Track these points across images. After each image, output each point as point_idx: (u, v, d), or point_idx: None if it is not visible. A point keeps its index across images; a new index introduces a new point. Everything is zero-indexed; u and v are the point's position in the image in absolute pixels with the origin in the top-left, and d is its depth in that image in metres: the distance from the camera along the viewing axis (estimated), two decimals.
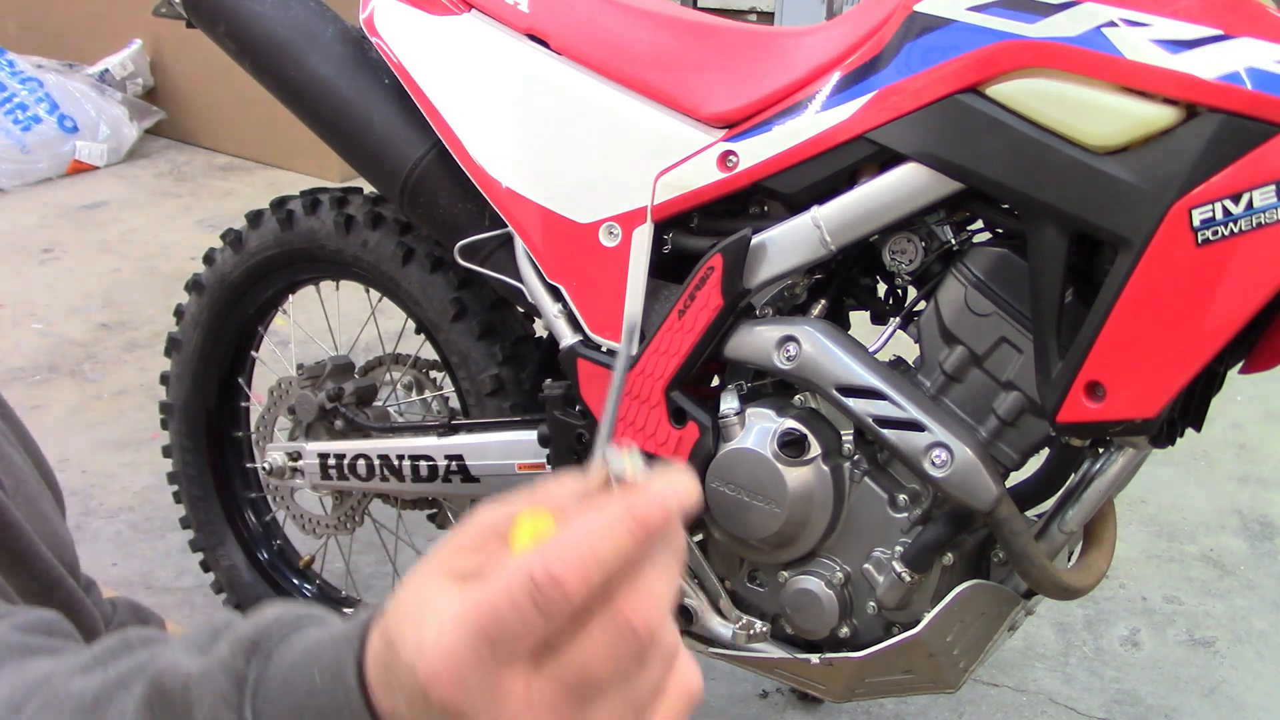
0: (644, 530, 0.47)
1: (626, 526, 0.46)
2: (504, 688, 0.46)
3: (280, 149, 4.35)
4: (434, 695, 0.46)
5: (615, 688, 0.48)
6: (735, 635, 1.46)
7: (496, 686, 0.46)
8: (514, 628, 0.45)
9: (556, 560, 0.45)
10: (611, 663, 0.47)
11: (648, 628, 0.47)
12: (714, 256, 1.36)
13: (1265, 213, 1.05)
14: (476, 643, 0.46)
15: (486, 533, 0.51)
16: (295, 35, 1.64)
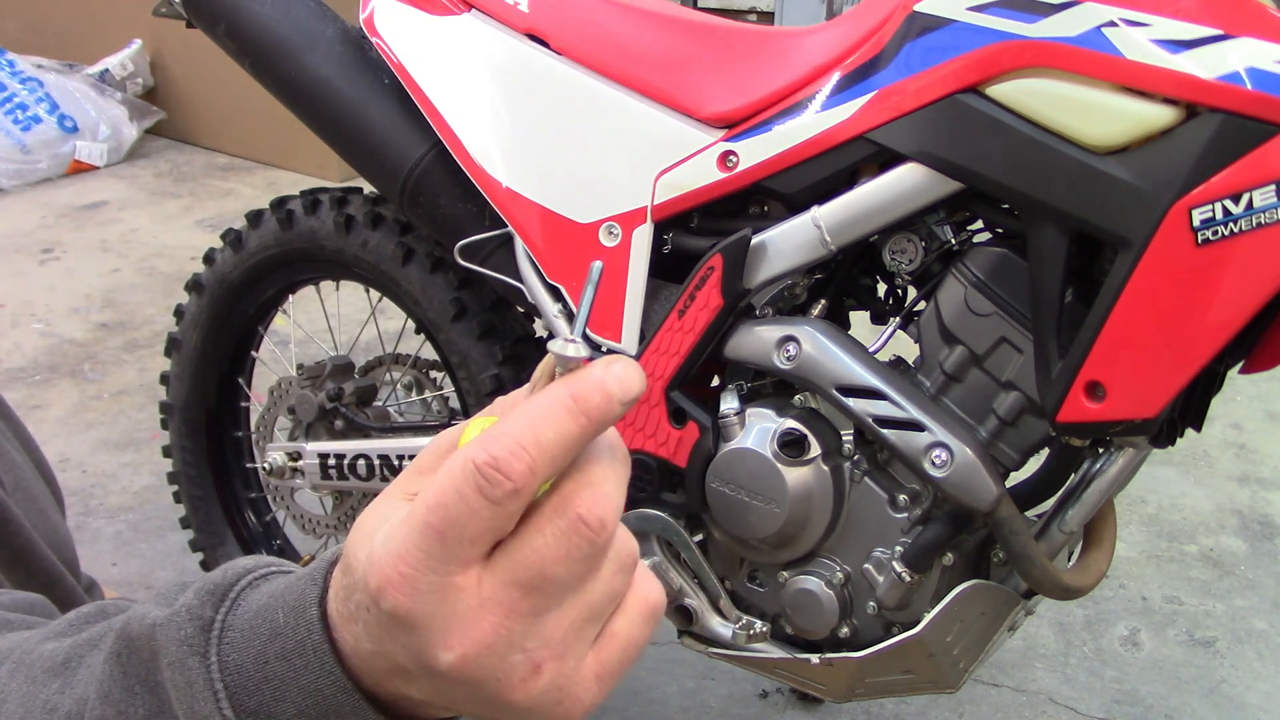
0: (584, 411, 0.46)
1: (565, 407, 0.46)
2: (455, 588, 0.45)
3: (280, 149, 4.35)
4: (385, 603, 0.45)
5: (569, 589, 0.47)
6: (735, 635, 1.46)
7: (448, 587, 0.45)
8: (460, 519, 0.44)
9: (497, 445, 0.44)
10: (563, 558, 0.46)
11: (599, 522, 0.46)
12: (714, 256, 1.36)
13: (1265, 213, 1.05)
14: (424, 540, 0.44)
15: (440, 451, 0.51)
16: (295, 35, 1.64)
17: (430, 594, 0.45)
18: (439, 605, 0.45)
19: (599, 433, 0.47)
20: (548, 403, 0.46)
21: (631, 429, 1.44)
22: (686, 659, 2.06)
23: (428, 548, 0.45)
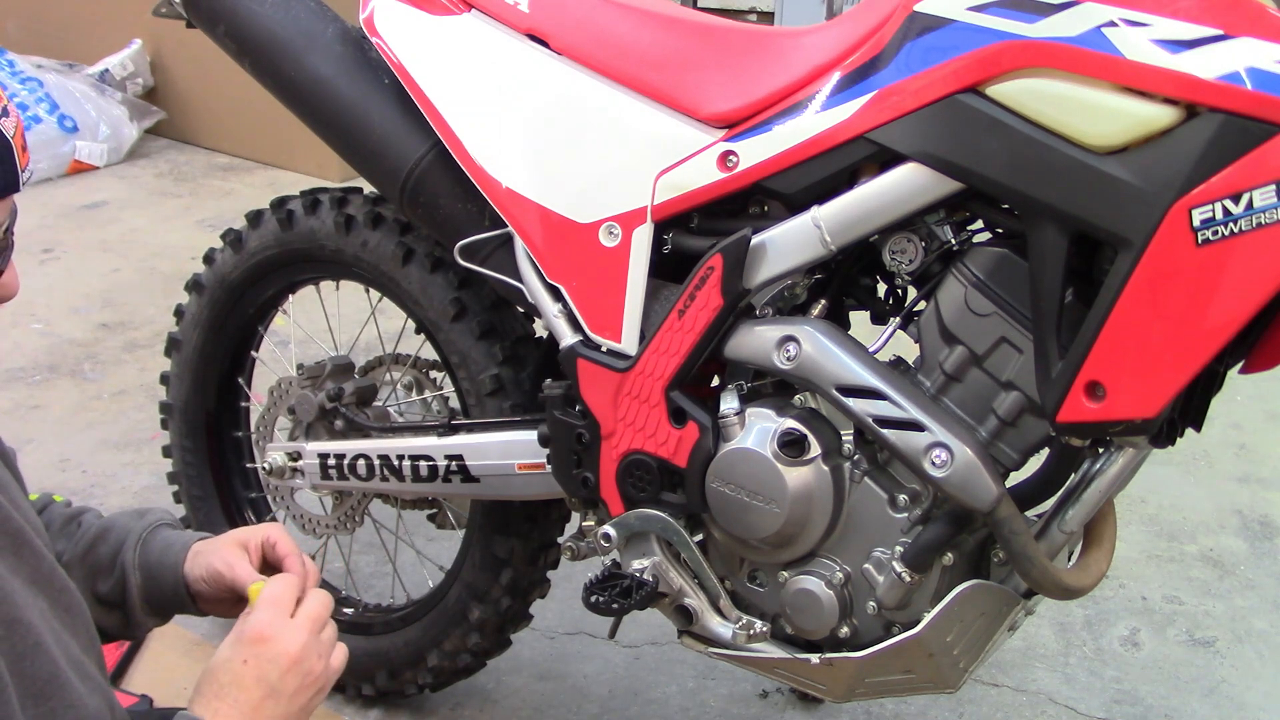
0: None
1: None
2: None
3: (280, 149, 4.35)
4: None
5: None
6: (735, 635, 1.46)
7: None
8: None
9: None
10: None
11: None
12: (714, 256, 1.36)
13: (1265, 212, 1.05)
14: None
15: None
16: (295, 35, 1.64)
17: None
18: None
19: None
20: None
21: (632, 429, 1.44)
22: (686, 659, 2.06)
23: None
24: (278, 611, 1.01)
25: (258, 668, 0.97)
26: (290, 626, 1.00)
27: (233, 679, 0.97)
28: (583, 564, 1.63)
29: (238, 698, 0.96)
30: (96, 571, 1.16)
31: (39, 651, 0.90)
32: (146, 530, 1.17)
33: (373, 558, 2.27)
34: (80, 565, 1.16)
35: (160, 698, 1.06)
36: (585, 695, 2.00)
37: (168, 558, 1.15)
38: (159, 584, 1.15)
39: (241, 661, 0.97)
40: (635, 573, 1.46)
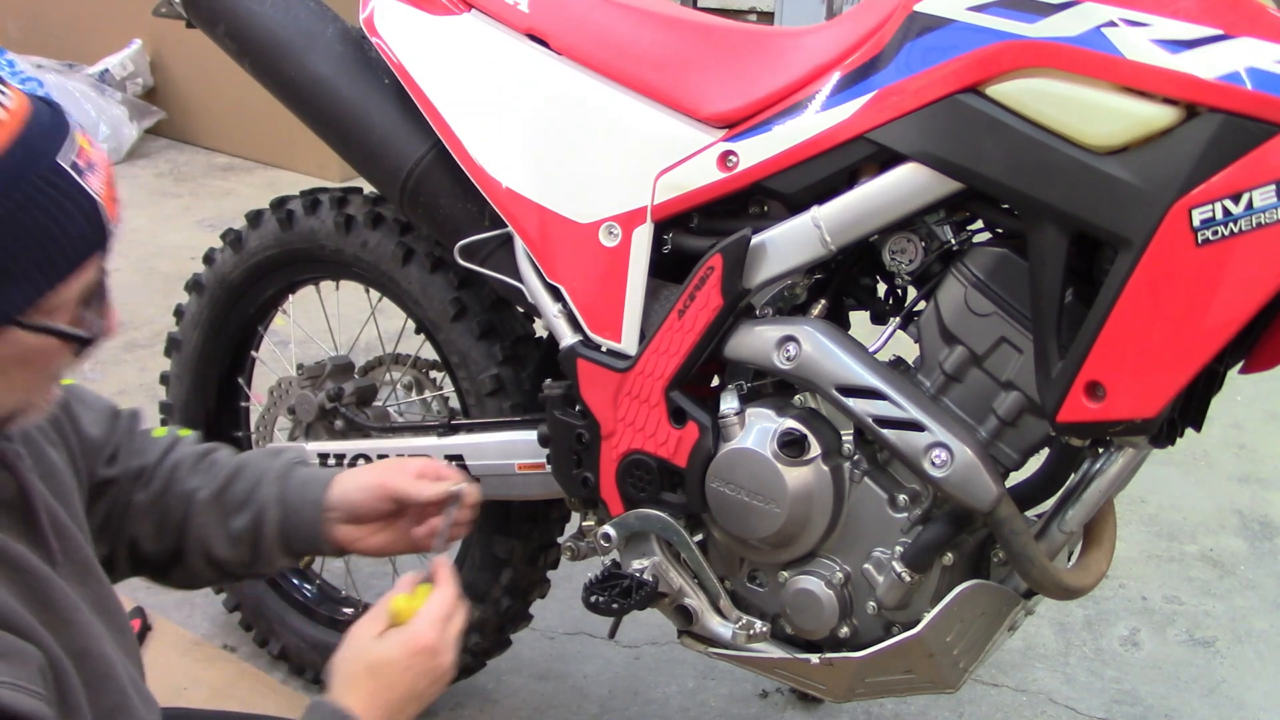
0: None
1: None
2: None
3: (280, 149, 4.35)
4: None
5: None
6: (735, 635, 1.46)
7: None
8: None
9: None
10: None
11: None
12: (714, 256, 1.36)
13: (1265, 212, 1.05)
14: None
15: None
16: (295, 35, 1.64)
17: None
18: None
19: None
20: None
21: (632, 429, 1.44)
22: (686, 659, 2.06)
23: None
24: (444, 629, 1.10)
25: (415, 677, 1.07)
26: (448, 641, 1.10)
27: (389, 680, 1.06)
28: (583, 564, 1.63)
29: (388, 697, 1.05)
30: (232, 508, 1.22)
31: (109, 682, 0.94)
32: (286, 468, 1.24)
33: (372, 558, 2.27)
34: (215, 502, 1.22)
35: (160, 698, 1.06)
36: (585, 695, 2.00)
37: (308, 492, 1.22)
38: (298, 519, 1.21)
39: (404, 668, 1.06)
40: (635, 573, 1.46)
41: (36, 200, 0.85)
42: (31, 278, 0.85)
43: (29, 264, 0.85)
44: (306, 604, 2.00)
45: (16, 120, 0.87)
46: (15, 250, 0.84)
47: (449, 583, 1.15)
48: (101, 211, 0.89)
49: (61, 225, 0.86)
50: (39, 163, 0.86)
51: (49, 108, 0.92)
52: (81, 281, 0.89)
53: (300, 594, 2.02)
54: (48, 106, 0.92)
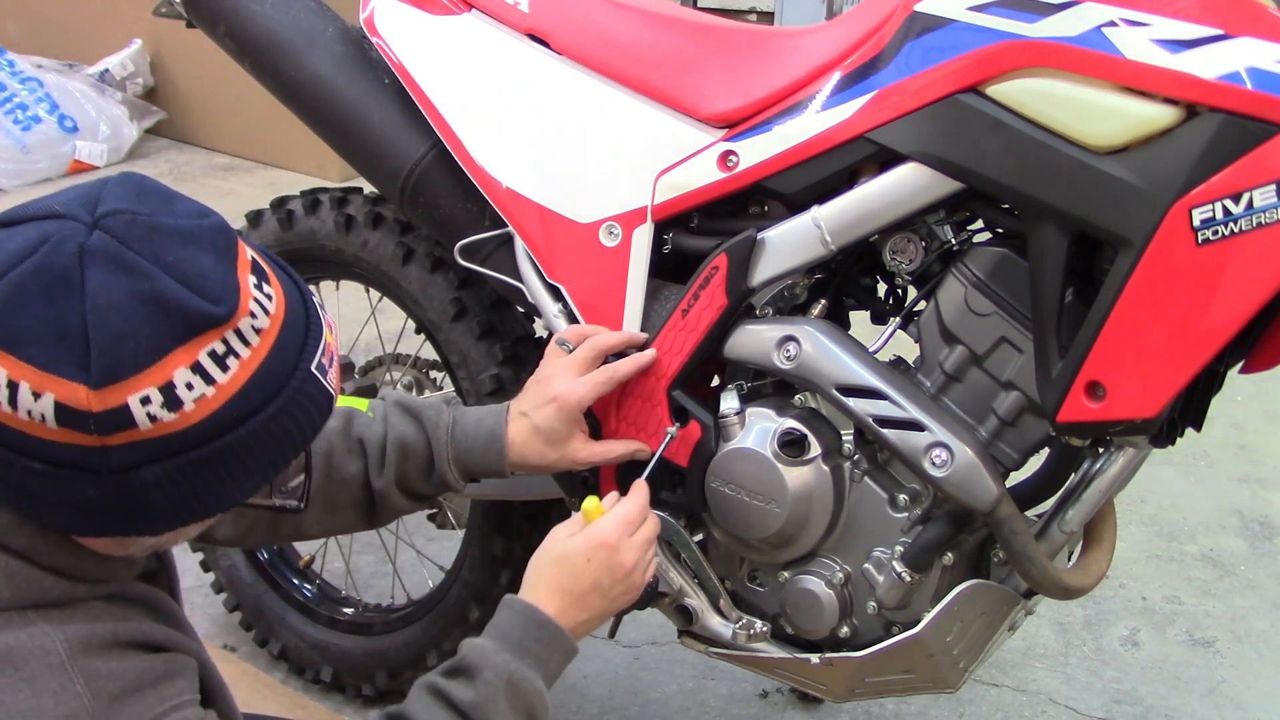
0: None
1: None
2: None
3: (280, 149, 4.35)
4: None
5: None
6: (735, 635, 1.46)
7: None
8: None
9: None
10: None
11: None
12: (718, 256, 1.36)
13: (1265, 212, 1.05)
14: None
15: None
16: (295, 35, 1.64)
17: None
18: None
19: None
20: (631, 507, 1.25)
21: (633, 428, 1.44)
22: (686, 659, 2.06)
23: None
24: (626, 529, 1.20)
25: (597, 570, 1.17)
26: (631, 544, 1.20)
27: (572, 570, 1.17)
28: None
29: (571, 587, 1.16)
30: (414, 484, 1.34)
31: (224, 685, 1.04)
32: (449, 429, 1.34)
33: (373, 558, 2.27)
34: (395, 488, 1.33)
35: None
36: (585, 695, 2.00)
37: (480, 441, 1.34)
38: (478, 466, 1.35)
39: (585, 560, 1.17)
40: None
41: (288, 411, 0.87)
42: (264, 472, 0.88)
43: (266, 463, 0.88)
44: (306, 604, 2.00)
45: (276, 324, 0.88)
46: (258, 454, 0.87)
47: (640, 494, 1.25)
48: (333, 398, 0.93)
49: (303, 428, 0.89)
50: (294, 373, 0.88)
51: (300, 298, 0.92)
52: (298, 462, 0.96)
53: (300, 594, 2.02)
54: (299, 296, 0.92)
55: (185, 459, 0.83)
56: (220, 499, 0.87)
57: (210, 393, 0.83)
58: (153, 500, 0.83)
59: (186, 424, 0.82)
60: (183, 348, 0.81)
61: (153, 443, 0.82)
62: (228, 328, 0.83)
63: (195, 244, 0.83)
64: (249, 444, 0.85)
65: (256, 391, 0.85)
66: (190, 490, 0.85)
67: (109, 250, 0.80)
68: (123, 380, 0.80)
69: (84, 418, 0.80)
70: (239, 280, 0.85)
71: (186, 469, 0.84)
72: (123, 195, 0.84)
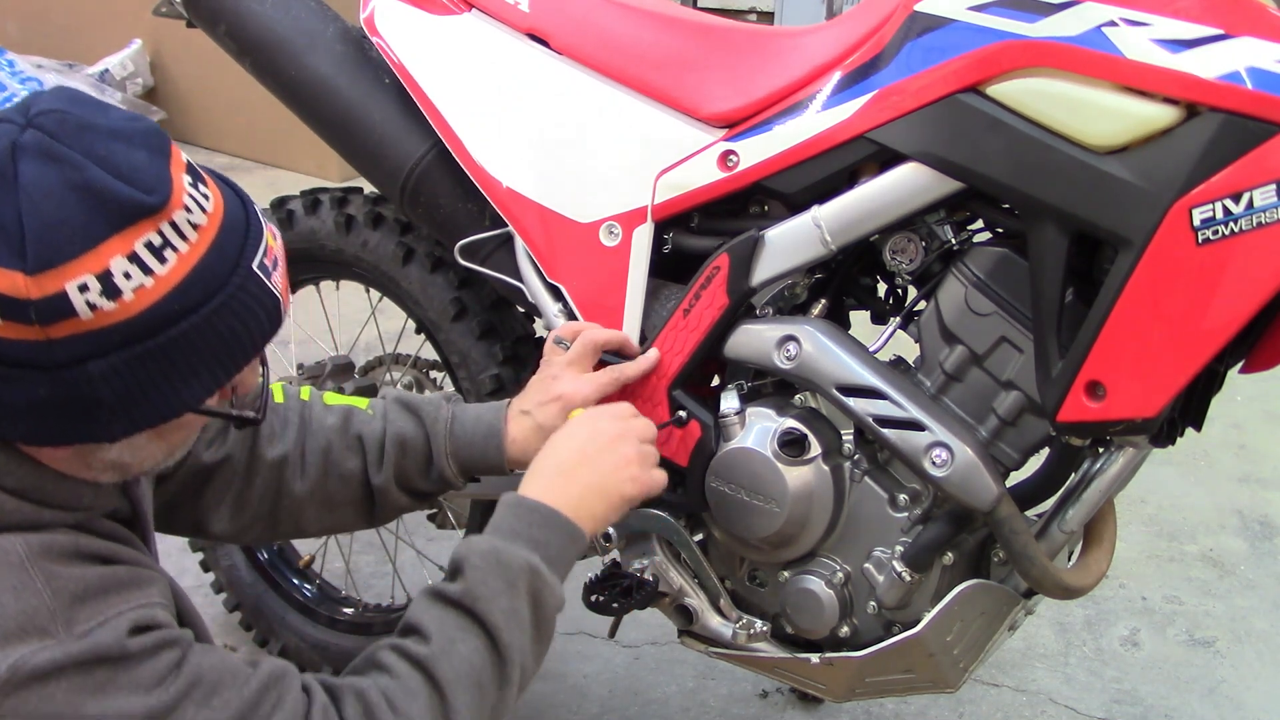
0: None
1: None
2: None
3: (280, 149, 4.35)
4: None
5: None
6: (735, 635, 1.46)
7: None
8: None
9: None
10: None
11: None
12: (720, 255, 1.36)
13: (1265, 212, 1.05)
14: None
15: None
16: (296, 35, 1.64)
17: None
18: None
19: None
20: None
21: None
22: (686, 659, 2.06)
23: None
24: (608, 410, 1.26)
25: (579, 443, 1.20)
26: (613, 415, 1.24)
27: (552, 453, 1.19)
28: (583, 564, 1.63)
29: (555, 467, 1.18)
30: (414, 480, 1.33)
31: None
32: (447, 424, 1.34)
33: (373, 558, 2.27)
34: (393, 485, 1.32)
35: None
36: (585, 695, 2.00)
37: (479, 436, 1.33)
38: (477, 462, 1.34)
39: (565, 437, 1.21)
40: (635, 572, 1.46)
41: (230, 306, 0.89)
42: (214, 374, 0.90)
43: (214, 362, 0.89)
44: (306, 604, 2.00)
45: (214, 223, 0.89)
46: (204, 352, 0.88)
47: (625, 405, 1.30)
48: (280, 306, 0.94)
49: (249, 327, 0.91)
50: (235, 270, 0.89)
51: (240, 203, 0.93)
52: (252, 369, 0.96)
53: (300, 594, 2.02)
54: (239, 201, 0.93)
55: (131, 353, 0.85)
56: (171, 399, 0.88)
57: (149, 283, 0.84)
58: (102, 397, 0.85)
59: (128, 314, 0.84)
60: (117, 236, 0.83)
61: (96, 335, 0.83)
62: (162, 219, 0.85)
63: (127, 141, 0.86)
64: (194, 340, 0.87)
65: (197, 285, 0.86)
66: (139, 387, 0.86)
67: (41, 145, 0.83)
68: (58, 266, 0.81)
69: (24, 306, 0.81)
70: (172, 175, 0.86)
71: (133, 364, 0.85)
72: (56, 99, 0.86)
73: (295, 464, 1.30)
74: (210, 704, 0.91)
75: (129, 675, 0.87)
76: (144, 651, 0.88)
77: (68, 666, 0.84)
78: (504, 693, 1.05)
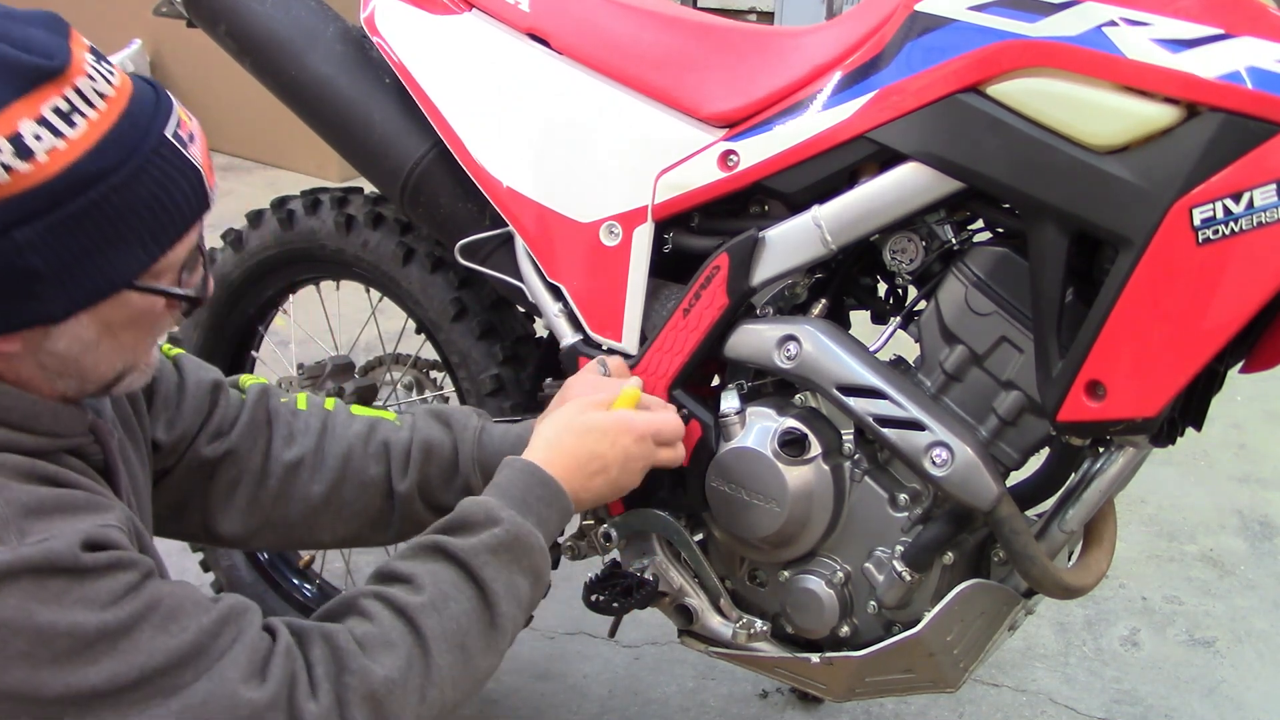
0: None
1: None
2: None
3: (280, 149, 4.35)
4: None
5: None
6: (735, 634, 1.46)
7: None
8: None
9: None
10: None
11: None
12: (720, 255, 1.36)
13: (1266, 212, 1.05)
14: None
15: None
16: (296, 34, 1.64)
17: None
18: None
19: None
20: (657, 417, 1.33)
21: None
22: (686, 659, 2.06)
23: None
24: (652, 432, 1.26)
25: (617, 453, 1.21)
26: (649, 443, 1.26)
27: (592, 446, 1.20)
28: (583, 564, 1.63)
29: (586, 464, 1.19)
30: (434, 496, 1.32)
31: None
32: (476, 433, 1.34)
33: (372, 558, 2.27)
34: (417, 494, 1.31)
35: None
36: (585, 695, 2.00)
37: (507, 445, 1.31)
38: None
39: (610, 442, 1.21)
40: (635, 572, 1.46)
41: (148, 170, 0.91)
42: (144, 244, 0.92)
43: (142, 231, 0.91)
44: (306, 604, 2.00)
45: (123, 96, 0.91)
46: (130, 219, 0.90)
47: (676, 417, 1.34)
48: (203, 180, 0.97)
49: (170, 194, 0.93)
50: (148, 135, 0.91)
51: (150, 86, 0.96)
52: (185, 246, 0.97)
53: (300, 594, 2.02)
54: (149, 85, 0.96)
55: (55, 217, 0.86)
56: (105, 270, 0.90)
57: (61, 145, 0.86)
58: (35, 267, 0.86)
59: (45, 175, 0.85)
60: (22, 100, 0.85)
61: (18, 200, 0.85)
62: (65, 83, 0.87)
63: (24, 21, 0.89)
64: (118, 206, 0.89)
65: (111, 148, 0.88)
66: (70, 256, 0.88)
67: None
68: None
69: None
70: (71, 48, 0.89)
71: (60, 229, 0.87)
72: None
73: (311, 466, 1.29)
74: (168, 629, 0.90)
75: (82, 589, 0.87)
76: (99, 567, 0.88)
77: (20, 571, 0.84)
78: (487, 661, 1.04)
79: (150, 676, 0.88)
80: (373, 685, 0.95)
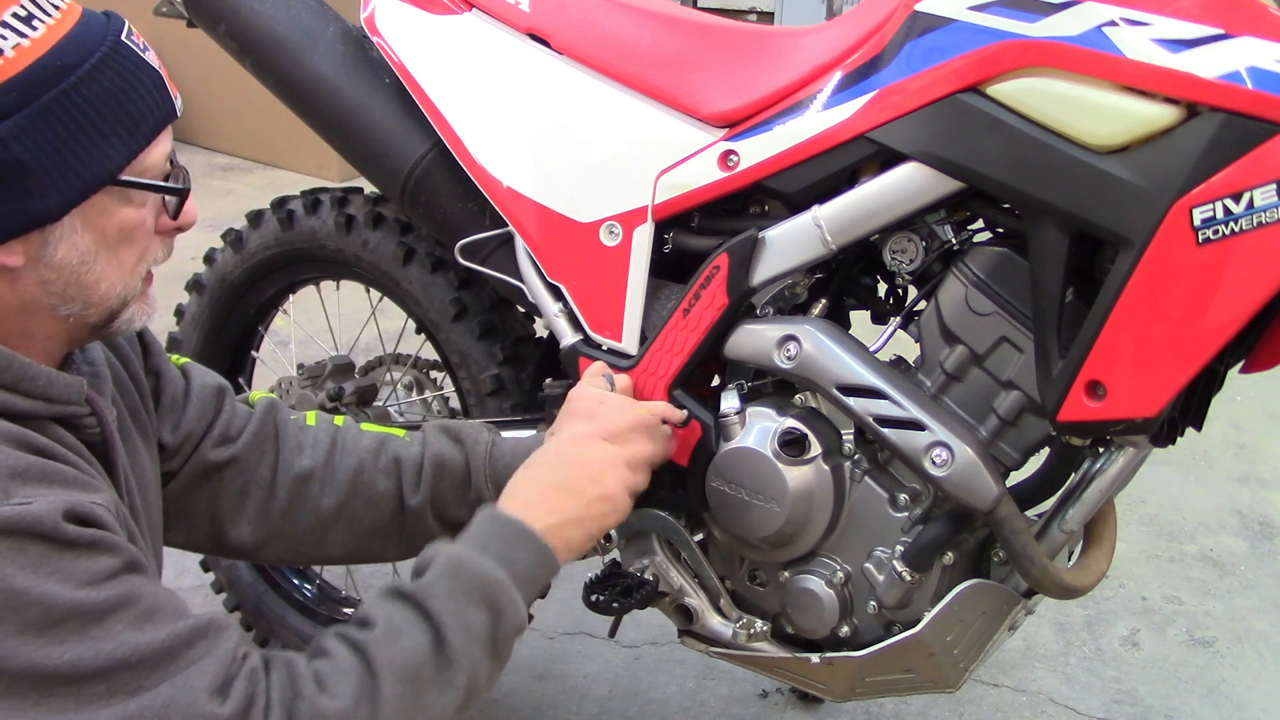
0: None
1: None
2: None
3: (280, 149, 4.36)
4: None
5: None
6: (735, 634, 1.46)
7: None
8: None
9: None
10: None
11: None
12: (720, 255, 1.36)
13: (1266, 212, 1.05)
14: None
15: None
16: (296, 34, 1.64)
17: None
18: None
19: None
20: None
21: None
22: (686, 659, 2.06)
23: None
24: (604, 429, 1.25)
25: (565, 468, 1.20)
26: (606, 436, 1.25)
27: (535, 474, 1.20)
28: (583, 564, 1.63)
29: (535, 487, 1.18)
30: (446, 511, 1.33)
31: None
32: (488, 448, 1.34)
33: None
34: (428, 509, 1.32)
35: None
36: (585, 695, 2.00)
37: (517, 459, 1.29)
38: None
39: (551, 457, 1.22)
40: (635, 572, 1.46)
41: (110, 64, 0.95)
42: (120, 137, 0.96)
43: (115, 124, 0.95)
44: (306, 604, 2.00)
45: (75, 9, 0.97)
46: (102, 110, 0.94)
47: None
48: (164, 83, 1.00)
49: (135, 89, 0.96)
50: (105, 36, 0.96)
51: (103, 13, 1.00)
52: (160, 151, 1.00)
53: (300, 594, 2.02)
54: (102, 13, 1.00)
55: (33, 109, 0.91)
56: (88, 162, 0.94)
57: (26, 44, 0.91)
58: (22, 158, 0.90)
59: (15, 69, 0.90)
60: None
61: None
62: None
63: None
64: (89, 98, 0.93)
65: (73, 45, 0.94)
66: (51, 146, 0.92)
67: None
68: None
69: None
70: None
71: (39, 120, 0.91)
72: None
73: (321, 480, 1.30)
74: (142, 626, 0.90)
75: (60, 561, 0.87)
76: (81, 542, 0.88)
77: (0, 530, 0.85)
78: (442, 697, 1.03)
79: (115, 670, 0.88)
80: (323, 712, 0.96)
